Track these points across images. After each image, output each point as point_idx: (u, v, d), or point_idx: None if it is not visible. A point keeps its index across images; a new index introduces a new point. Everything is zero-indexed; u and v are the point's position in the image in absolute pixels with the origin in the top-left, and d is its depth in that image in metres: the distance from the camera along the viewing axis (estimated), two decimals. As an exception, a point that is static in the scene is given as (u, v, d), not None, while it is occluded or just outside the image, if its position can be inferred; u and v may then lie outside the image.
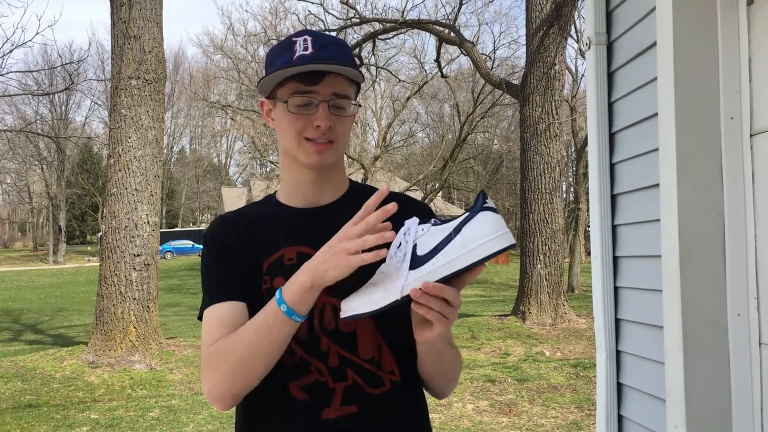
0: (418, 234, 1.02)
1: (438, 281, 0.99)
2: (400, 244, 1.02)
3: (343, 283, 1.09)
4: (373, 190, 1.32)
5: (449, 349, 1.22)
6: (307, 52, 1.17)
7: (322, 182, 1.26)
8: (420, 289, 0.98)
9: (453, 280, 1.00)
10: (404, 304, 1.02)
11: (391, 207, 1.00)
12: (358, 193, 1.31)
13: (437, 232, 1.00)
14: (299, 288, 1.06)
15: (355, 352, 1.19)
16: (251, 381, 1.14)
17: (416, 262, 1.00)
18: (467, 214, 1.00)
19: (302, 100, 1.18)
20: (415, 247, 1.01)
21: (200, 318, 1.24)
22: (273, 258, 1.22)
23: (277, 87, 1.22)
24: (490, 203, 1.01)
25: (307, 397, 1.17)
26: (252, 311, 1.19)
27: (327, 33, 1.35)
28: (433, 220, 1.03)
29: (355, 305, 1.04)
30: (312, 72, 1.16)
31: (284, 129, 1.21)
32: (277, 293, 1.09)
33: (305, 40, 1.18)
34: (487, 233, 0.98)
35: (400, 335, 1.21)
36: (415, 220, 1.04)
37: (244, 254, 1.24)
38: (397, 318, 1.15)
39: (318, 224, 1.24)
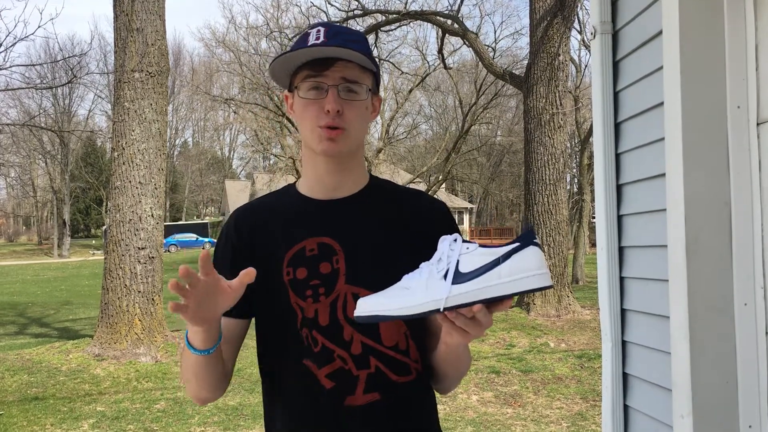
0: (461, 251, 1.03)
1: (476, 302, 1.00)
2: (441, 258, 1.03)
3: (365, 271, 1.18)
4: (393, 185, 1.38)
5: (467, 351, 1.27)
6: (319, 41, 1.20)
7: (342, 173, 1.28)
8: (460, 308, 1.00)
9: (487, 304, 1.01)
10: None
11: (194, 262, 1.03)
12: (379, 187, 1.34)
13: (483, 254, 1.01)
14: (190, 331, 1.14)
15: (378, 340, 1.22)
16: (208, 390, 1.24)
17: (459, 278, 1.00)
18: (517, 243, 1.02)
19: (312, 85, 1.21)
20: (457, 262, 1.02)
21: None
22: (295, 250, 1.25)
23: (293, 77, 1.25)
24: (538, 240, 1.03)
25: (333, 384, 1.21)
26: (277, 302, 1.24)
27: (345, 26, 1.40)
28: (477, 242, 1.05)
29: (379, 306, 1.03)
30: (322, 58, 1.20)
31: (300, 117, 1.25)
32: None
33: (318, 31, 1.23)
34: (533, 267, 1.00)
35: (423, 327, 1.26)
36: (457, 236, 1.06)
37: (262, 247, 1.27)
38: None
39: (339, 216, 1.27)
